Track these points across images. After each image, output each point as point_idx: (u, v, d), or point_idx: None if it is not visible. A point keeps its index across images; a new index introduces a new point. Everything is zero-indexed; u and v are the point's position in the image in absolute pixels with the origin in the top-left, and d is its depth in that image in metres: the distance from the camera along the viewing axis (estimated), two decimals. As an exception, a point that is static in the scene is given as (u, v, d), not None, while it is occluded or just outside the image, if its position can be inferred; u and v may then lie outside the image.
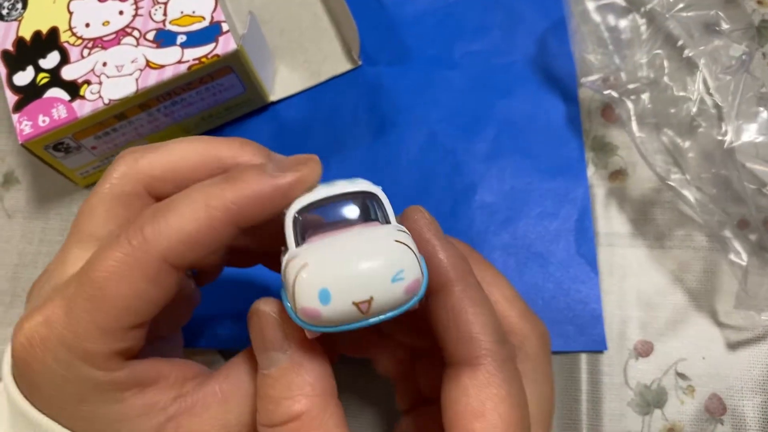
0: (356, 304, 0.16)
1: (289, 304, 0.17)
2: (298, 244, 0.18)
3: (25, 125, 0.30)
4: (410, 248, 0.17)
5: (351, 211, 0.19)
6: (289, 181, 0.18)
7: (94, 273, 0.17)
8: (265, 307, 0.18)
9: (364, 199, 0.19)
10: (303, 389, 0.18)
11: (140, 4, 0.32)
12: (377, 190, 0.19)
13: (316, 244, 0.17)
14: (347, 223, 0.18)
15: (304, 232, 0.18)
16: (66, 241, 0.20)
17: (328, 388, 0.18)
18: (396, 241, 0.17)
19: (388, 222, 0.19)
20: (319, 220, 0.19)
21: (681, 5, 0.32)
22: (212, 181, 0.18)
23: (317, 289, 0.16)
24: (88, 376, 0.17)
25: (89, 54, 0.31)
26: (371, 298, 0.16)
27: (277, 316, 0.18)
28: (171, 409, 0.18)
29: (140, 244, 0.17)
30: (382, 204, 0.19)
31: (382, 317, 0.17)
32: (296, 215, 0.18)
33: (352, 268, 0.16)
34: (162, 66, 0.31)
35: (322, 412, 0.17)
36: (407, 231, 0.18)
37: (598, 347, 0.31)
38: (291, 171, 0.18)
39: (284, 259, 0.18)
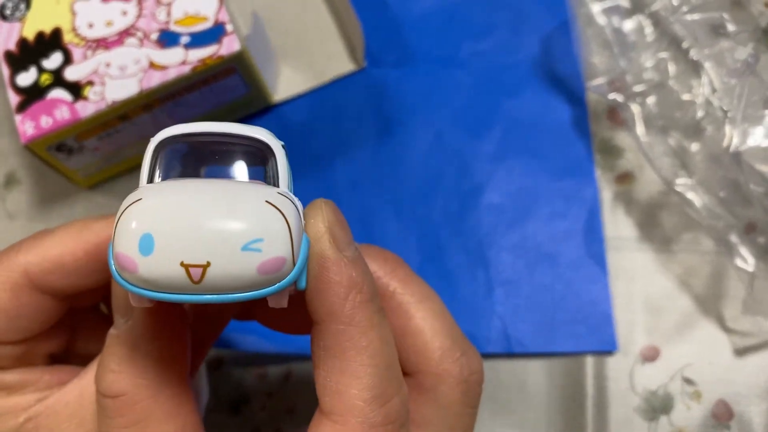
0: (185, 267, 0.12)
1: (111, 252, 0.14)
2: (150, 181, 0.15)
3: (27, 126, 0.30)
4: (284, 216, 0.13)
5: (234, 160, 0.15)
6: None
7: None
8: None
9: (259, 153, 0.15)
10: (130, 368, 0.16)
11: (144, 5, 0.32)
12: (275, 145, 0.15)
13: (168, 183, 0.14)
14: (223, 172, 0.15)
15: (168, 170, 0.15)
16: None
17: (168, 375, 0.16)
18: (266, 202, 0.13)
19: (275, 185, 0.15)
20: (192, 162, 0.15)
21: (686, 8, 0.32)
22: (92, 216, 0.19)
23: (139, 233, 0.13)
24: None
25: (92, 55, 0.31)
26: (207, 264, 0.12)
27: None
28: (32, 410, 0.18)
29: (7, 257, 0.18)
30: (275, 163, 0.15)
31: (220, 297, 0.13)
32: (160, 143, 0.15)
33: (192, 217, 0.13)
34: (165, 67, 0.30)
35: (148, 400, 0.16)
36: (295, 201, 0.14)
37: (608, 347, 0.30)
38: None
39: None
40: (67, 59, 0.31)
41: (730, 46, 0.31)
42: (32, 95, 0.30)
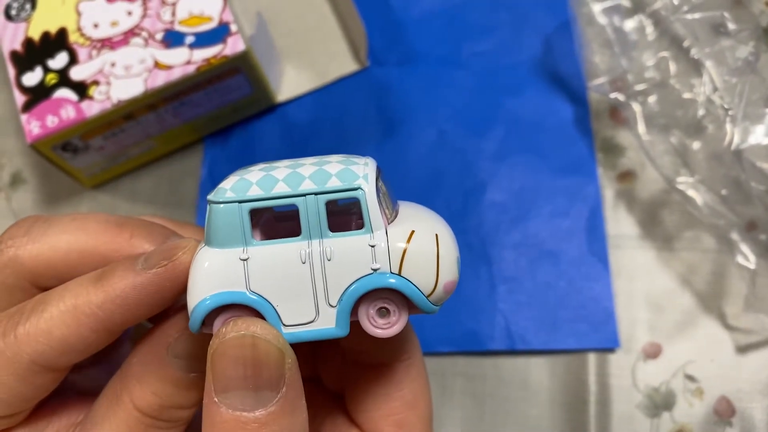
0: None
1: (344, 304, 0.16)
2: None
3: (33, 125, 0.30)
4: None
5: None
6: (155, 279, 0.16)
7: None
8: (263, 331, 0.15)
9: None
10: None
11: (149, 5, 0.32)
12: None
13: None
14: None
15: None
16: None
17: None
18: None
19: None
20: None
21: (686, 7, 0.32)
22: (85, 279, 0.17)
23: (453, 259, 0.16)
24: None
25: (98, 54, 0.31)
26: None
27: (281, 345, 0.16)
28: None
29: (11, 343, 0.17)
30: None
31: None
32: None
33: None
34: (170, 67, 0.31)
35: None
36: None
37: (610, 344, 0.30)
38: (159, 264, 0.17)
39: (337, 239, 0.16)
40: (73, 59, 0.31)
41: (731, 45, 0.32)
42: (38, 95, 0.31)
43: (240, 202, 0.15)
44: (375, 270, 0.16)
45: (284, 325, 0.16)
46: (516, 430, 0.30)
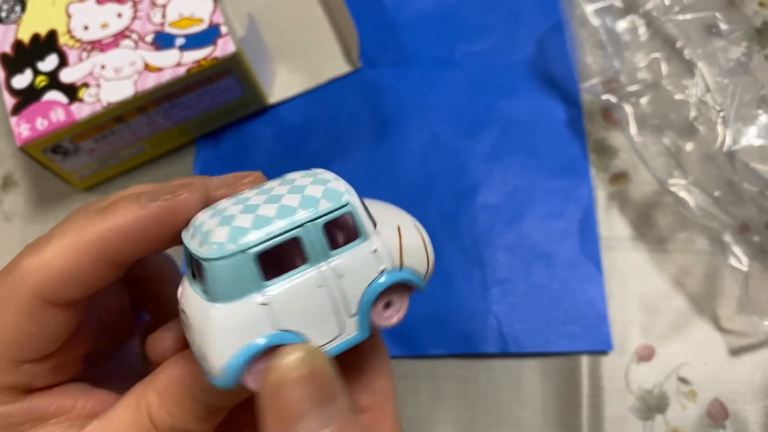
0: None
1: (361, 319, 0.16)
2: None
3: (23, 128, 0.30)
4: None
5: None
6: (157, 212, 0.16)
7: None
8: (307, 347, 0.16)
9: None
10: None
11: (139, 7, 0.32)
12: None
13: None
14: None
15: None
16: None
17: None
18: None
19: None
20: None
21: (678, 8, 0.32)
22: (89, 210, 0.17)
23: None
24: None
25: (88, 57, 0.31)
26: None
27: (325, 355, 0.16)
28: None
29: (15, 278, 0.17)
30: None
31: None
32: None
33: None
34: (160, 68, 0.31)
35: None
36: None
37: (603, 347, 0.30)
38: (163, 198, 0.17)
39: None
40: (63, 61, 0.31)
41: (723, 46, 0.31)
42: (28, 97, 0.30)
43: (244, 251, 0.15)
44: (383, 271, 0.16)
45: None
46: (508, 433, 0.30)
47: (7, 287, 0.17)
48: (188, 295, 0.16)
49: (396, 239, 0.17)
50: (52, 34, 0.32)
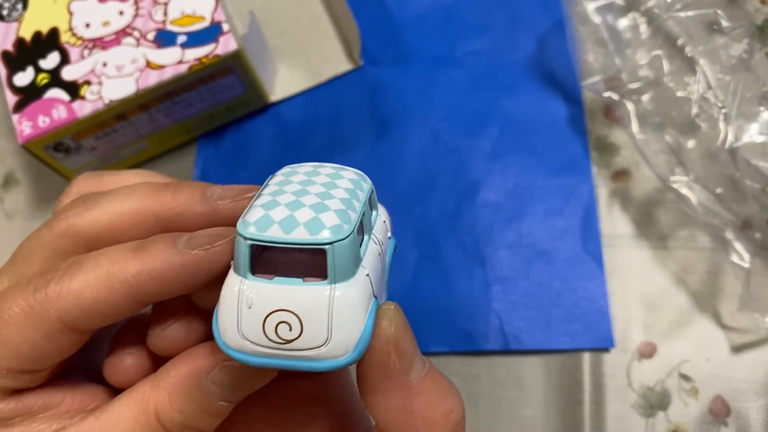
0: None
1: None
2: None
3: (25, 126, 0.30)
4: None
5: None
6: (194, 261, 0.17)
7: None
8: (400, 312, 0.17)
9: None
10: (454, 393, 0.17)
11: (140, 5, 0.32)
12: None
13: None
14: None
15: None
16: (0, 269, 0.20)
17: None
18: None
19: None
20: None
21: (679, 5, 0.32)
22: (125, 246, 0.17)
23: None
24: None
25: (89, 54, 0.31)
26: None
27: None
28: None
29: (41, 299, 0.17)
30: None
31: None
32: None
33: None
34: (162, 66, 0.31)
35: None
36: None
37: (605, 344, 0.30)
38: (201, 248, 0.17)
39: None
40: (64, 59, 0.31)
41: (725, 43, 0.31)
42: (29, 95, 0.30)
43: (354, 229, 0.16)
44: (390, 238, 0.19)
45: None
46: (510, 430, 0.30)
47: (31, 306, 0.17)
48: (290, 293, 0.16)
49: (384, 213, 0.19)
50: (54, 32, 0.32)
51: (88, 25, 0.32)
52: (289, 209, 0.16)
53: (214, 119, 0.35)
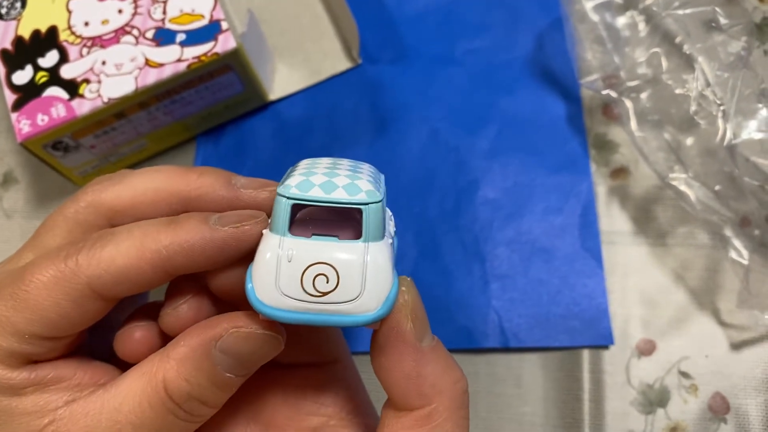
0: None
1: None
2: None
3: (23, 124, 0.30)
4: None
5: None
6: (224, 237, 0.18)
7: (26, 277, 0.17)
8: (414, 285, 0.18)
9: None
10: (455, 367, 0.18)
11: (139, 3, 0.32)
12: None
13: None
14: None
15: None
16: (24, 245, 0.20)
17: None
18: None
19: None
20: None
21: (678, 3, 0.32)
22: (157, 221, 0.18)
23: None
24: None
25: (88, 53, 0.31)
26: None
27: None
28: (58, 412, 0.18)
29: (72, 266, 0.17)
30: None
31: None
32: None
33: None
34: (161, 64, 0.31)
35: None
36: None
37: (604, 342, 0.30)
38: (231, 225, 0.18)
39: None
40: (63, 57, 0.31)
41: (723, 40, 0.32)
42: (28, 93, 0.30)
43: (384, 195, 0.18)
44: (390, 217, 0.20)
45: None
46: (510, 428, 0.30)
47: (62, 271, 0.17)
48: (328, 248, 0.17)
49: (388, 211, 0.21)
50: (53, 31, 0.32)
51: (87, 24, 0.32)
52: (326, 176, 0.17)
53: (213, 117, 0.35)
